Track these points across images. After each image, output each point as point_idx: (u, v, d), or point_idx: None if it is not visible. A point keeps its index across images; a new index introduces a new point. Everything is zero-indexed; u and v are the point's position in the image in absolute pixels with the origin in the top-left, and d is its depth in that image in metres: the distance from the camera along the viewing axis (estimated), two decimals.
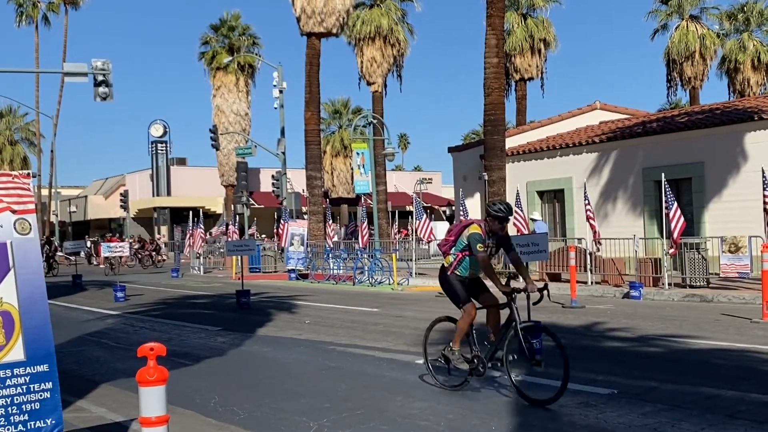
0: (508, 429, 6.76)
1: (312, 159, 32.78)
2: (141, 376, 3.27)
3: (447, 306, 8.64)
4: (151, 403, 3.23)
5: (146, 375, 3.24)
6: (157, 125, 53.80)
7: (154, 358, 3.28)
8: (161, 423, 3.27)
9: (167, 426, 3.30)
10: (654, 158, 23.94)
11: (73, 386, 9.15)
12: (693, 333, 11.88)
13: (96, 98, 25.94)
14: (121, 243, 27.68)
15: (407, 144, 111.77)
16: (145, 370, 3.25)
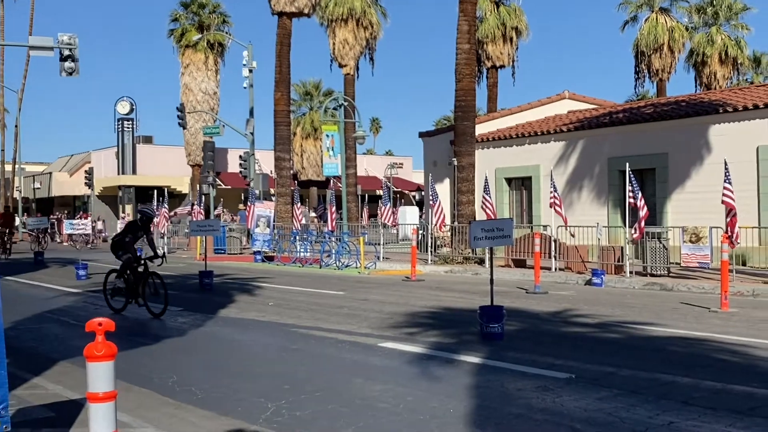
0: (467, 411, 6.78)
1: (281, 140, 32.54)
2: (89, 351, 3.20)
3: (412, 291, 8.62)
4: (99, 378, 3.16)
5: (94, 350, 3.18)
6: (123, 102, 53.01)
7: (103, 333, 3.22)
8: (109, 399, 3.21)
9: (115, 402, 3.24)
10: (620, 148, 24.14)
11: (31, 363, 9.03)
12: (652, 320, 12.04)
13: (62, 73, 25.49)
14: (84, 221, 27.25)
15: (379, 128, 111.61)
16: (93, 345, 3.18)
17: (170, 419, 6.71)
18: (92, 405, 3.20)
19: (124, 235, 13.68)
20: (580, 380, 7.88)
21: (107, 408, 3.20)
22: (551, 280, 19.02)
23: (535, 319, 12.26)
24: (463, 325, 11.42)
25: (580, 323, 11.91)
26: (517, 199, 27.79)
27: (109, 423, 3.20)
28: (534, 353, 9.34)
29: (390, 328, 11.50)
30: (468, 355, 9.18)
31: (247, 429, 6.40)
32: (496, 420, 6.52)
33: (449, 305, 14.05)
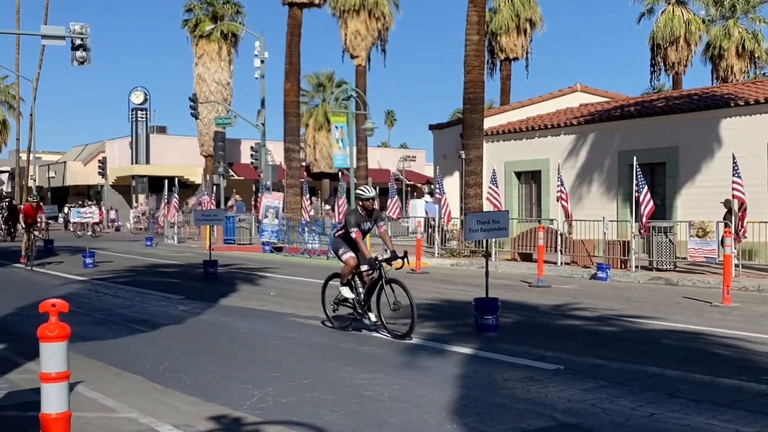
0: (450, 400, 6.78)
1: (291, 131, 32.59)
2: (42, 332, 3.23)
3: (415, 284, 8.71)
4: (52, 358, 3.19)
5: (47, 331, 3.20)
6: (137, 92, 53.24)
7: (56, 314, 3.24)
8: (61, 379, 3.24)
9: (67, 382, 3.26)
10: (630, 142, 23.97)
11: (27, 348, 9.07)
12: (651, 314, 11.97)
13: (73, 62, 25.60)
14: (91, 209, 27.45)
15: (394, 121, 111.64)
16: (46, 326, 3.21)
17: (156, 405, 6.76)
18: (44, 385, 3.23)
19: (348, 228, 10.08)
20: (568, 372, 7.85)
21: (60, 388, 3.23)
22: (556, 274, 18.95)
23: (532, 312, 12.23)
24: (460, 317, 11.41)
25: (578, 316, 11.87)
26: (526, 193, 27.67)
27: (61, 403, 3.23)
28: (526, 345, 9.32)
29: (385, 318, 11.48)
30: (460, 346, 9.17)
31: (229, 415, 6.43)
32: (477, 409, 6.52)
33: (449, 297, 14.04)
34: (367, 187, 10.22)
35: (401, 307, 9.53)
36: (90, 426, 6.07)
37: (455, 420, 6.19)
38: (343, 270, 10.20)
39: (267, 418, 6.30)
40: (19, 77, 52.42)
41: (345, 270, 10.16)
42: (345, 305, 10.25)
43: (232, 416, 6.38)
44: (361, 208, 10.13)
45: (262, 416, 6.35)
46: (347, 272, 10.12)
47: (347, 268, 10.10)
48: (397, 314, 9.70)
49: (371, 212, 10.14)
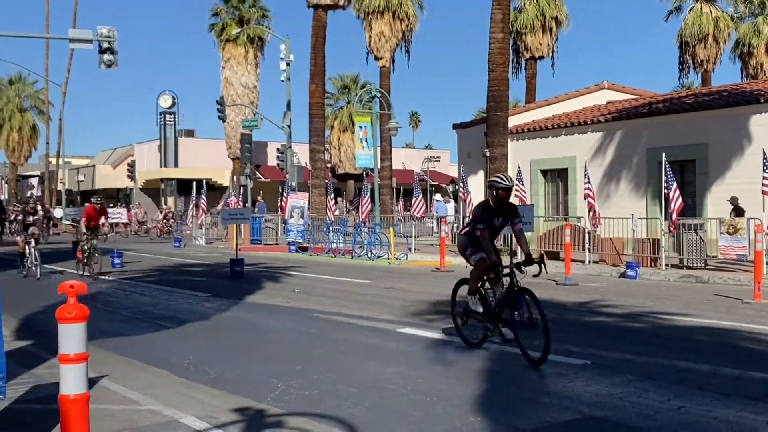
0: (475, 393, 6.71)
1: (315, 132, 32.64)
2: (60, 314, 3.22)
3: (439, 281, 8.64)
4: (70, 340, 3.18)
5: (65, 312, 3.19)
6: (165, 96, 53.69)
7: (74, 295, 3.23)
8: (80, 360, 3.22)
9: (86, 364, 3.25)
10: (659, 139, 23.66)
11: (54, 344, 9.10)
12: (681, 311, 11.78)
13: (101, 65, 25.81)
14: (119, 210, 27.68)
15: (418, 122, 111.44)
16: (65, 307, 3.20)
17: (179, 397, 6.76)
18: (63, 366, 3.21)
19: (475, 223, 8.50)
20: (595, 366, 7.74)
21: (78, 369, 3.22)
22: (584, 272, 18.76)
23: (559, 309, 12.08)
24: None
25: (606, 313, 11.71)
26: (552, 192, 27.45)
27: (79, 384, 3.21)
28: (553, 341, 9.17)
29: (410, 315, 11.46)
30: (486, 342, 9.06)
31: (253, 407, 6.42)
32: (502, 402, 6.44)
33: None
34: (504, 175, 8.43)
35: (537, 324, 7.83)
36: (113, 418, 6.09)
37: (479, 413, 6.12)
38: (472, 275, 8.64)
39: (289, 409, 6.28)
40: (48, 82, 53.12)
41: (474, 274, 8.58)
42: (475, 317, 8.70)
43: (256, 408, 6.37)
44: (494, 201, 8.34)
45: (284, 408, 6.32)
46: (477, 277, 8.52)
47: (476, 272, 8.52)
48: (529, 332, 8.00)
49: (508, 207, 8.44)
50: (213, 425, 5.87)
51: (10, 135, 57.62)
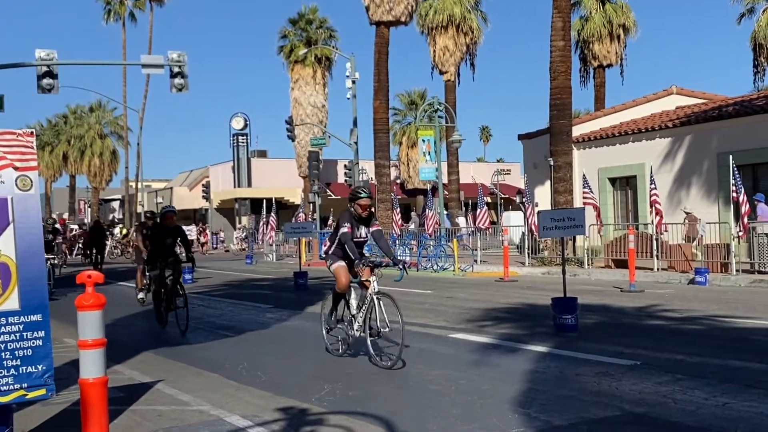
0: (516, 393, 6.71)
1: (380, 147, 32.92)
2: (78, 302, 3.43)
3: (500, 291, 8.71)
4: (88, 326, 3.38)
5: (83, 300, 3.41)
6: (238, 118, 54.95)
7: (92, 284, 3.44)
8: (97, 346, 3.43)
9: (103, 349, 3.45)
10: (729, 142, 23.02)
11: (117, 353, 9.49)
12: (744, 314, 11.45)
13: (172, 89, 26.65)
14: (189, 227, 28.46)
15: (489, 136, 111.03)
16: (83, 296, 3.41)
17: (228, 399, 6.98)
18: (82, 351, 3.43)
19: None
20: (644, 367, 7.63)
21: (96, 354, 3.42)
22: (652, 279, 18.38)
23: (617, 314, 11.91)
24: (540, 319, 11.24)
25: (665, 317, 11.48)
26: (621, 200, 26.96)
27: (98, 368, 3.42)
28: (605, 343, 9.10)
29: (465, 321, 11.47)
30: (535, 345, 9.04)
31: (296, 406, 6.58)
32: (542, 401, 6.43)
33: (533, 302, 13.82)
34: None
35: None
36: (161, 417, 6.34)
37: (518, 410, 6.13)
38: None
39: (332, 408, 6.41)
40: (126, 108, 55.07)
41: None
42: None
43: (299, 407, 6.53)
44: None
45: (327, 407, 6.46)
46: None
47: None
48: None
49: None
50: (256, 423, 6.05)
51: (91, 160, 59.93)
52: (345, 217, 8.53)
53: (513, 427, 5.64)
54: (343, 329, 8.84)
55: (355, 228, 8.52)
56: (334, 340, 9.09)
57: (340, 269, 8.64)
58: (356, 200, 8.52)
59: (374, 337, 8.35)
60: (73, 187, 68.27)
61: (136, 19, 54.99)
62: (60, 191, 74.91)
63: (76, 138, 60.97)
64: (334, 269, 8.72)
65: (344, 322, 8.84)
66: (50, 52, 23.63)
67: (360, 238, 8.69)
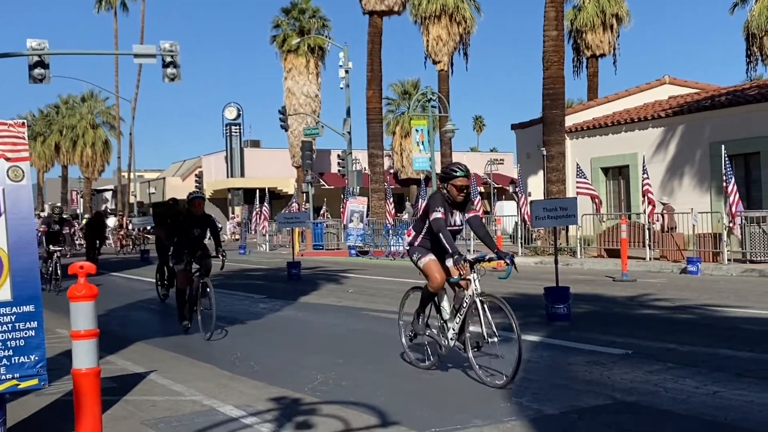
0: None
1: (374, 137, 32.91)
2: (71, 293, 3.44)
3: (495, 280, 8.66)
4: (81, 317, 3.39)
5: (75, 291, 3.41)
6: (231, 108, 54.84)
7: (84, 275, 3.45)
8: (90, 336, 3.43)
9: (96, 340, 3.47)
10: (722, 132, 23.08)
11: (110, 344, 9.49)
12: (736, 303, 11.52)
13: (165, 79, 26.52)
14: None
15: (482, 126, 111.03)
16: (75, 287, 3.42)
17: (221, 389, 6.99)
18: (74, 342, 3.44)
19: None
20: (635, 356, 7.67)
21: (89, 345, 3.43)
22: (644, 269, 18.46)
23: (609, 303, 11.97)
24: (532, 308, 11.26)
25: (657, 306, 11.54)
26: (614, 189, 27.03)
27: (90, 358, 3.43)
28: (597, 333, 9.14)
29: None
30: (527, 334, 9.05)
31: (289, 396, 6.59)
32: (534, 390, 6.46)
33: (525, 292, 13.86)
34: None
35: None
36: (155, 407, 6.35)
37: (510, 399, 6.16)
38: None
39: (324, 398, 6.43)
40: (118, 98, 54.86)
41: None
42: None
43: (292, 397, 6.54)
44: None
45: (320, 397, 6.48)
46: None
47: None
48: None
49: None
50: (249, 413, 6.06)
51: (83, 151, 59.75)
52: (436, 200, 6.94)
53: (505, 415, 5.67)
54: (432, 337, 7.29)
55: (448, 214, 6.96)
56: (417, 350, 7.58)
57: (432, 264, 7.04)
58: (450, 180, 6.86)
59: (474, 348, 6.86)
60: (66, 178, 68.05)
61: (127, 8, 54.79)
62: (52, 182, 74.73)
63: (68, 128, 60.76)
64: (424, 265, 7.09)
65: (430, 329, 7.35)
66: (41, 41, 23.51)
67: (454, 227, 7.03)
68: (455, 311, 7.01)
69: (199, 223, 10.61)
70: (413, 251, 7.31)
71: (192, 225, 10.57)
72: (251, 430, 5.57)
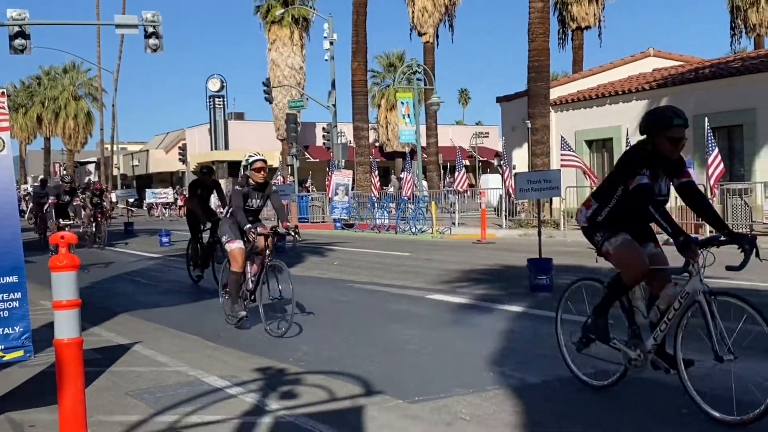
0: (491, 352, 6.81)
1: (359, 110, 32.77)
2: (52, 263, 3.43)
3: (477, 252, 8.66)
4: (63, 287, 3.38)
5: (57, 261, 3.41)
6: (214, 80, 54.35)
7: (66, 245, 3.44)
8: (72, 306, 3.43)
9: (78, 310, 3.47)
10: (705, 105, 23.15)
11: (94, 315, 9.51)
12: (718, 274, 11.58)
13: (147, 50, 26.25)
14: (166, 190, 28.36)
15: (468, 99, 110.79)
16: (57, 257, 3.41)
17: (206, 360, 7.02)
18: (57, 312, 3.44)
19: None
20: (617, 325, 7.73)
21: (71, 315, 3.43)
22: None
23: (593, 274, 12.04)
24: (516, 280, 11.36)
25: None
26: (598, 162, 27.11)
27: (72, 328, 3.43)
28: (579, 303, 9.20)
29: (442, 283, 11.58)
30: (510, 305, 9.16)
31: (274, 366, 6.63)
32: (518, 359, 6.54)
33: (510, 263, 13.95)
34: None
35: None
36: (140, 378, 6.37)
37: (493, 369, 6.23)
38: None
39: (309, 368, 6.48)
40: (100, 69, 54.24)
41: None
42: None
43: (277, 368, 6.58)
44: None
45: (304, 367, 6.53)
46: None
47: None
48: None
49: None
50: (233, 383, 6.10)
51: (66, 122, 59.17)
52: (633, 159, 5.06)
53: (488, 384, 5.74)
54: (620, 346, 5.53)
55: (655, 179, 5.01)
56: (593, 361, 5.85)
57: (631, 249, 5.26)
58: (665, 130, 5.02)
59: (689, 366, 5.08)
60: (48, 150, 67.42)
61: None
62: (35, 154, 74.01)
63: (50, 100, 60.11)
64: (617, 249, 5.29)
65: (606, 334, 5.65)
66: (22, 11, 23.19)
67: (659, 196, 5.11)
68: (664, 312, 5.21)
69: (260, 193, 8.64)
70: (597, 230, 5.43)
71: (251, 194, 8.56)
72: (236, 400, 5.60)
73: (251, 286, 8.43)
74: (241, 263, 8.38)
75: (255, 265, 8.45)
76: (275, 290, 7.96)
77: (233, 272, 8.44)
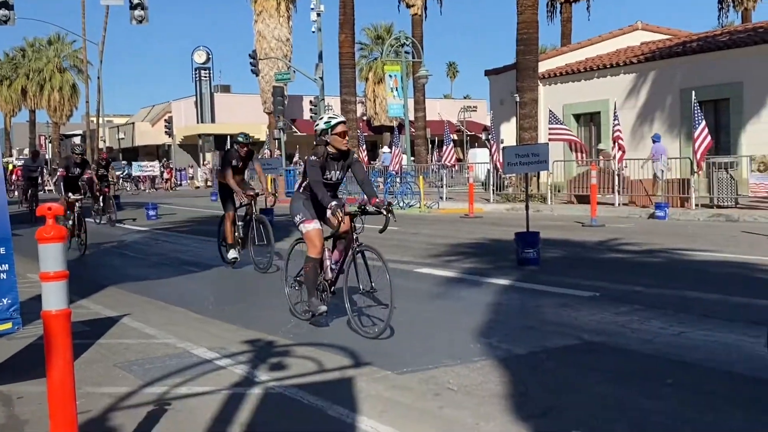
0: (478, 324, 6.84)
1: (346, 83, 32.60)
2: (39, 234, 3.41)
3: (465, 226, 8.67)
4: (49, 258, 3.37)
5: (44, 233, 3.38)
6: (200, 52, 53.84)
7: (52, 216, 3.42)
8: (59, 278, 3.42)
9: (66, 281, 3.46)
10: (692, 79, 23.21)
11: (82, 288, 9.48)
12: (703, 247, 11.73)
13: (132, 21, 25.97)
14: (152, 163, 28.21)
15: (456, 72, 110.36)
16: (43, 228, 3.39)
17: (194, 332, 7.02)
18: (44, 283, 3.42)
19: None
20: (603, 298, 7.82)
21: (58, 286, 3.42)
22: (614, 214, 18.67)
23: (578, 248, 12.13)
24: (503, 253, 11.41)
25: (625, 251, 11.73)
26: (585, 136, 27.17)
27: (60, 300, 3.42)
28: (565, 276, 9.29)
29: (430, 256, 11.61)
30: (498, 279, 9.21)
31: (263, 339, 6.65)
32: (504, 331, 6.58)
33: (497, 237, 14.00)
34: None
35: None
36: (128, 350, 6.38)
37: (480, 340, 6.27)
38: None
39: (298, 341, 6.50)
40: (85, 41, 53.60)
41: None
42: None
43: (266, 340, 6.60)
44: None
45: (293, 339, 6.55)
46: None
47: None
48: None
49: None
50: (222, 355, 6.11)
51: (51, 95, 58.60)
52: None
53: (475, 355, 5.78)
54: None
55: None
56: None
57: None
58: None
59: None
60: (33, 122, 66.75)
61: None
62: (20, 126, 73.24)
63: (35, 72, 59.45)
64: None
65: None
66: None
67: None
68: None
69: (339, 162, 7.15)
70: None
71: (328, 165, 7.07)
72: (225, 371, 5.62)
73: (330, 275, 7.16)
74: (319, 247, 7.08)
75: (336, 250, 7.24)
76: (365, 281, 6.70)
77: (311, 258, 7.10)
